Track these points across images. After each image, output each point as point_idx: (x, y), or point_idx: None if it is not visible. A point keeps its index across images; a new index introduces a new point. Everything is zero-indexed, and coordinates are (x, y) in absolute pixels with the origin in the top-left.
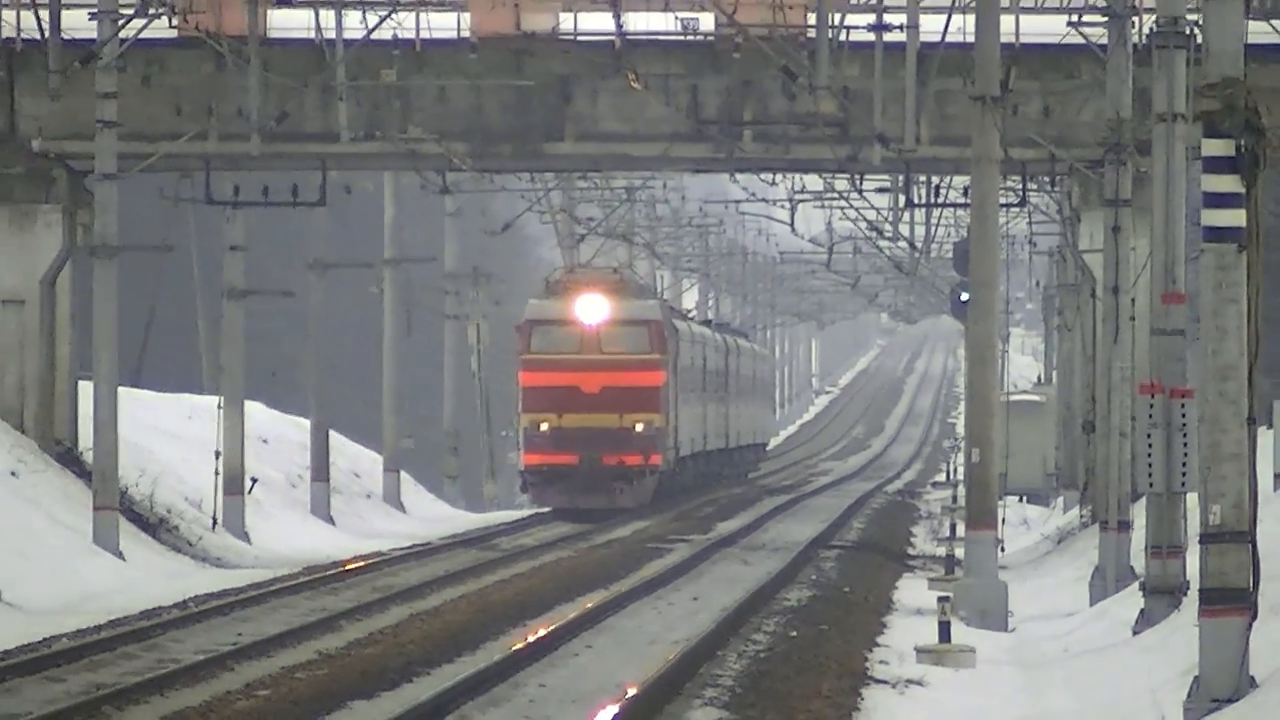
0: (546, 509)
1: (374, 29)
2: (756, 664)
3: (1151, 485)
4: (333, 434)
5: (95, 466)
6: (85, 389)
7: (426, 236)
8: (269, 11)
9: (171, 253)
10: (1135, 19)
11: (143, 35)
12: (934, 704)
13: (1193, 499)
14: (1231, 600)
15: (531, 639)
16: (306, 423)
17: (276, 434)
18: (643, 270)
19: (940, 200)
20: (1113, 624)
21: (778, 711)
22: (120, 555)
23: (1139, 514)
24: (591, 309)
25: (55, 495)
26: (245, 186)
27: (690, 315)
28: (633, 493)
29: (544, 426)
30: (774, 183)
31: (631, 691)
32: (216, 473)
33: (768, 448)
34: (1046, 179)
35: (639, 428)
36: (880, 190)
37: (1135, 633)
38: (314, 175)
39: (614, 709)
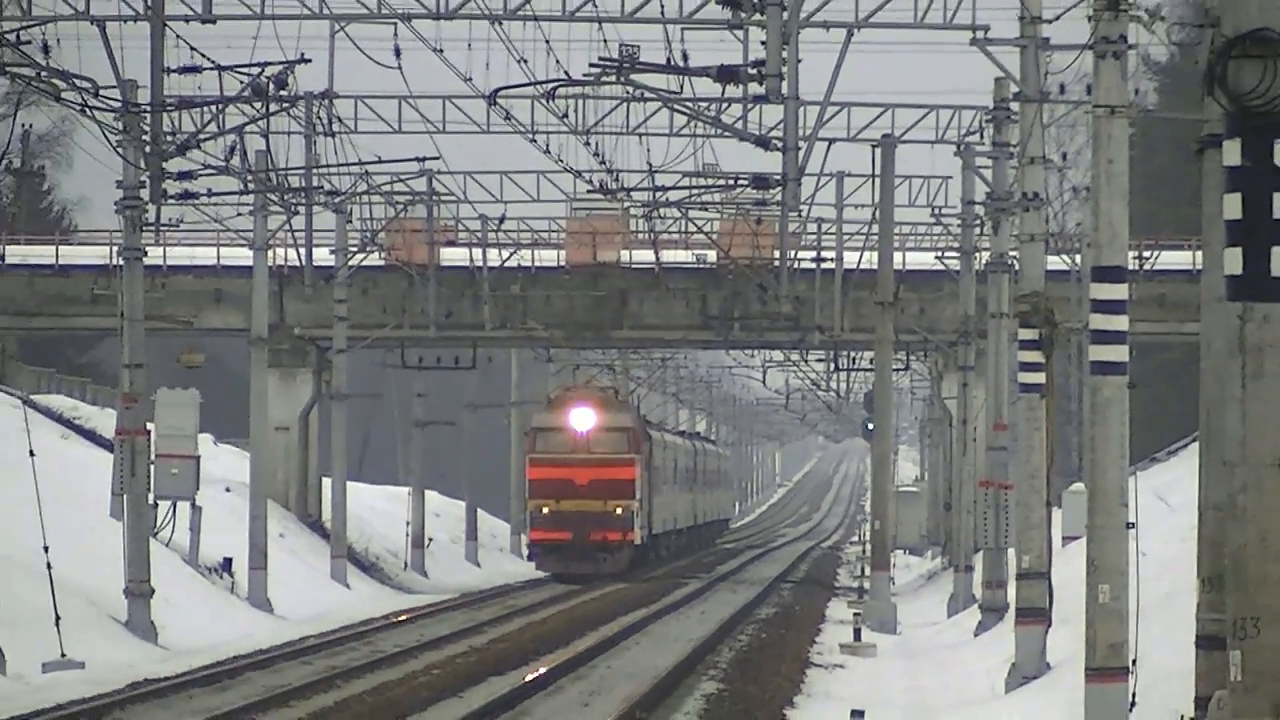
0: (547, 574)
1: (506, 259)
2: (740, 654)
3: (986, 543)
4: (479, 511)
5: (332, 530)
6: (326, 482)
7: (537, 387)
8: (441, 249)
9: (379, 398)
10: (977, 254)
11: (363, 264)
12: (850, 679)
13: (1011, 552)
14: (1036, 615)
15: (602, 639)
16: (463, 504)
17: (444, 510)
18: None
19: (856, 366)
20: (962, 630)
21: (754, 682)
22: (347, 586)
23: (978, 561)
24: (582, 419)
25: (307, 548)
26: (426, 357)
27: (664, 425)
28: (613, 562)
29: (545, 510)
30: (752, 355)
31: (665, 670)
32: (407, 535)
33: (730, 523)
34: (922, 353)
35: (619, 511)
36: (819, 360)
37: (976, 635)
38: (468, 350)
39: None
